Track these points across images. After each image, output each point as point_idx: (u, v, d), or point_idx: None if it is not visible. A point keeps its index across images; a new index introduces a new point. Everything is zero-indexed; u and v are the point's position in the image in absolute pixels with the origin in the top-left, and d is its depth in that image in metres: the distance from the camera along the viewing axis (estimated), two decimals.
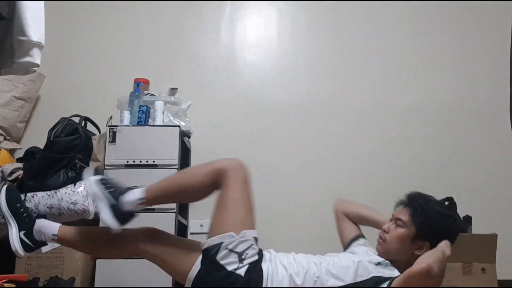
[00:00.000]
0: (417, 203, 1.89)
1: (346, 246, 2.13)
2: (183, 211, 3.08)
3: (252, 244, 1.78)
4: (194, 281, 1.77)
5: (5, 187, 2.07)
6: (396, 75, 3.54)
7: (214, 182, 1.86)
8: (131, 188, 1.91)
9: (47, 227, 1.99)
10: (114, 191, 1.89)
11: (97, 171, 1.99)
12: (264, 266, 1.80)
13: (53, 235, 1.97)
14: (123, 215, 1.86)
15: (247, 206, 1.88)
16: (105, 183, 1.91)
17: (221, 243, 1.75)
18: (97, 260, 2.67)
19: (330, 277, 1.77)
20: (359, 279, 1.78)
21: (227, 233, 1.76)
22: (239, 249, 1.75)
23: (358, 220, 2.20)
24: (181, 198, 2.04)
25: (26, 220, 1.99)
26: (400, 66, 3.55)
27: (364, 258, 1.85)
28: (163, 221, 2.60)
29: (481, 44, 3.58)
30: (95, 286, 2.63)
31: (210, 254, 1.76)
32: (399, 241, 1.85)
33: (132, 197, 1.87)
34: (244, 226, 1.80)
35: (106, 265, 2.63)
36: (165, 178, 1.95)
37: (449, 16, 3.62)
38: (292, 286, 1.76)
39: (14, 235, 1.97)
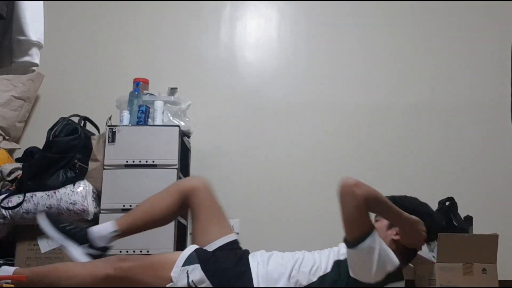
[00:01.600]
0: (390, 198, 1.87)
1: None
2: None
3: (187, 271, 1.77)
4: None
5: (43, 215, 1.98)
6: (396, 76, 3.53)
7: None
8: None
9: (104, 229, 1.94)
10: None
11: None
12: (253, 263, 1.80)
13: (113, 232, 1.93)
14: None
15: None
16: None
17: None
18: None
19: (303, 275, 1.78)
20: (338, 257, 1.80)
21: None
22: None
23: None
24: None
25: (78, 233, 1.92)
26: (401, 66, 3.55)
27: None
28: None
29: (481, 44, 3.57)
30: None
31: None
32: (378, 231, 1.78)
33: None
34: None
35: None
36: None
37: (451, 16, 3.62)
38: (291, 287, 1.75)
39: (77, 252, 1.89)
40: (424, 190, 3.14)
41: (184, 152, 3.06)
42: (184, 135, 3.03)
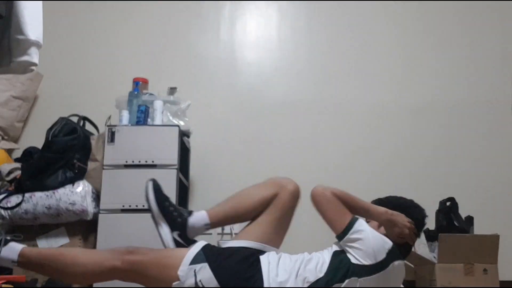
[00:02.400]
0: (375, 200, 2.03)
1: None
2: None
3: (194, 269, 1.74)
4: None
5: (151, 183, 1.95)
6: (397, 75, 3.53)
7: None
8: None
9: (198, 220, 1.92)
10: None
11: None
12: (264, 264, 1.78)
13: (206, 225, 1.92)
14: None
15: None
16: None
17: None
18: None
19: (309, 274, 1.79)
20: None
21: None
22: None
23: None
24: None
25: (177, 220, 1.90)
26: (402, 66, 3.54)
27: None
28: None
29: (484, 44, 3.57)
30: (93, 287, 2.61)
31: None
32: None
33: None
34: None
35: None
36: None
37: (454, 16, 3.61)
38: (299, 286, 1.75)
39: (168, 235, 1.87)
40: (425, 190, 3.16)
41: (184, 152, 3.05)
42: (183, 135, 3.02)
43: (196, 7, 3.60)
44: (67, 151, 2.78)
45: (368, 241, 1.76)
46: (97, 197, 2.76)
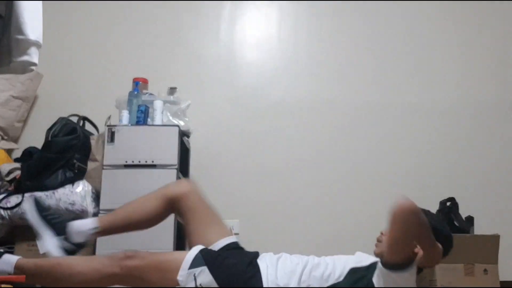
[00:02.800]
0: None
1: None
2: None
3: (194, 273, 1.74)
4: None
5: (33, 198, 2.01)
6: (398, 75, 3.52)
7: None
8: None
9: (85, 224, 1.93)
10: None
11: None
12: (262, 265, 1.77)
13: (93, 228, 1.91)
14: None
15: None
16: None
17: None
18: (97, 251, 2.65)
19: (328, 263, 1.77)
20: (359, 264, 1.77)
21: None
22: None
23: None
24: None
25: (59, 224, 1.91)
26: (402, 66, 3.53)
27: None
28: (162, 222, 2.57)
29: (484, 44, 3.56)
30: None
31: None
32: None
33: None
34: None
35: None
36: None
37: (452, 16, 3.60)
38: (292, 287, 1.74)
39: (49, 242, 1.88)
40: (425, 190, 3.16)
41: (184, 152, 3.04)
42: (183, 135, 3.02)
43: (196, 7, 3.60)
44: (67, 151, 2.78)
45: (405, 285, 1.64)
46: (97, 197, 2.75)
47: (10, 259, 1.84)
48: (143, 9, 3.58)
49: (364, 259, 1.81)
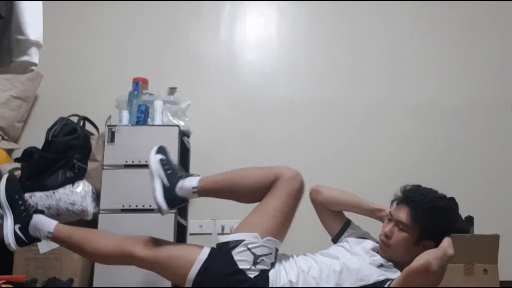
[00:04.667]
0: (416, 203, 1.84)
1: (334, 239, 2.08)
2: (182, 211, 3.06)
3: (271, 253, 1.76)
4: (198, 275, 1.74)
5: (6, 176, 2.02)
6: (397, 75, 3.53)
7: (268, 188, 1.85)
8: (189, 175, 1.91)
9: (44, 223, 1.96)
10: (172, 174, 1.89)
11: (160, 150, 2.00)
12: (270, 272, 1.77)
13: (48, 232, 1.94)
14: (174, 200, 1.86)
15: (283, 218, 1.84)
16: (165, 164, 1.92)
17: (243, 240, 1.74)
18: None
19: (330, 283, 1.74)
20: (359, 283, 1.74)
21: (252, 233, 1.75)
22: (258, 252, 1.73)
23: (339, 208, 2.11)
24: (232, 196, 1.95)
25: (23, 214, 1.95)
26: (402, 66, 3.54)
27: (366, 260, 1.81)
28: (162, 221, 2.58)
29: (484, 44, 3.56)
30: (93, 287, 2.61)
31: (227, 248, 1.75)
32: (404, 245, 1.80)
33: (187, 184, 1.87)
34: (271, 234, 1.78)
35: (105, 266, 2.60)
36: (222, 172, 1.94)
37: (452, 16, 3.61)
38: None
39: (9, 227, 1.93)
40: None
41: (184, 152, 3.05)
42: (183, 135, 3.02)
43: (196, 7, 3.60)
44: (67, 151, 2.78)
45: None
46: (97, 197, 2.76)
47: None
48: (143, 9, 3.58)
49: (367, 273, 1.77)
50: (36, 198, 2.67)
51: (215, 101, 3.46)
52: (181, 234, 2.95)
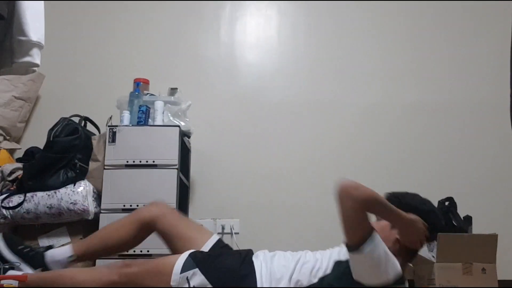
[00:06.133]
0: (391, 194, 1.89)
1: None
2: (182, 211, 3.07)
3: (187, 277, 1.78)
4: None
5: (0, 235, 2.00)
6: (396, 75, 3.54)
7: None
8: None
9: (60, 253, 1.97)
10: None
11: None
12: (256, 263, 1.80)
13: (69, 257, 1.95)
14: None
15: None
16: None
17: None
18: (97, 261, 2.66)
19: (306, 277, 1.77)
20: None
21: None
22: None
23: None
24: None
25: (36, 257, 1.94)
26: (400, 66, 3.55)
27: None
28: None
29: (481, 44, 3.58)
30: None
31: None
32: (381, 231, 1.73)
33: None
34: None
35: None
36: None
37: (450, 16, 3.62)
38: (290, 287, 1.75)
39: None
40: (424, 189, 3.12)
41: (184, 152, 3.06)
42: (184, 135, 3.03)
43: (196, 7, 3.61)
44: (69, 151, 2.79)
45: (375, 265, 1.62)
46: (98, 197, 2.77)
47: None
48: (144, 10, 3.60)
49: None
50: (38, 198, 2.68)
51: (215, 101, 3.47)
52: None
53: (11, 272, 1.89)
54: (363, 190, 1.63)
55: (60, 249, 1.99)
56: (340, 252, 1.81)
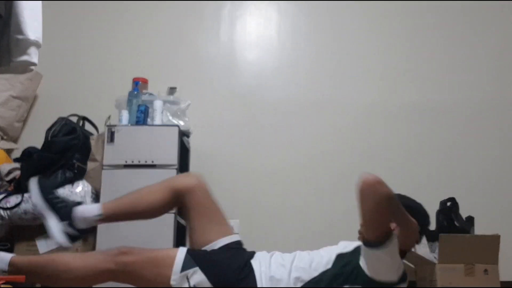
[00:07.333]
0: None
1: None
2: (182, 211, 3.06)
3: (187, 275, 1.75)
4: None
5: (36, 179, 1.95)
6: (396, 75, 3.53)
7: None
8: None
9: (89, 210, 1.90)
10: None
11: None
12: (255, 264, 1.79)
13: (97, 215, 1.88)
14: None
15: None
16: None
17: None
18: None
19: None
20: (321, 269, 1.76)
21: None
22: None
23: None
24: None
25: (64, 209, 1.88)
26: (400, 65, 3.54)
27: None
28: (162, 222, 2.56)
29: (481, 44, 3.56)
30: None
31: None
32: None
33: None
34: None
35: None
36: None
37: (449, 16, 3.61)
38: (292, 286, 1.74)
39: (56, 226, 1.85)
40: (426, 190, 3.13)
41: (184, 152, 3.04)
42: (183, 135, 3.02)
43: (196, 7, 3.60)
44: (67, 151, 2.78)
45: (393, 263, 1.64)
46: (96, 197, 2.75)
47: (4, 257, 1.85)
48: (142, 9, 3.58)
49: (348, 245, 1.83)
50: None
51: (215, 101, 3.46)
52: (181, 234, 2.94)
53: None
54: (386, 186, 1.59)
55: (89, 206, 1.93)
56: (342, 247, 1.81)
